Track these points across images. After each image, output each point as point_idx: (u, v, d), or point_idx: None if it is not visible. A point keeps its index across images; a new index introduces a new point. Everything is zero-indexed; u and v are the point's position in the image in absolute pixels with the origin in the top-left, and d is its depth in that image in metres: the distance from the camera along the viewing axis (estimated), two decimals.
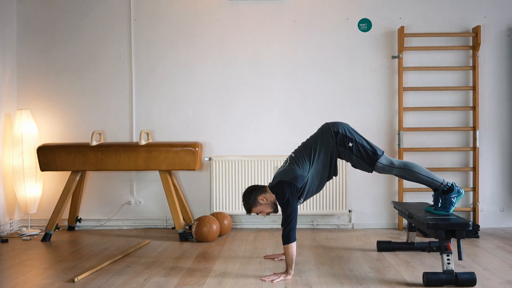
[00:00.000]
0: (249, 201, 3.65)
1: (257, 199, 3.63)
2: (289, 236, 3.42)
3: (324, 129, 3.64)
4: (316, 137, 3.64)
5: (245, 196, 3.68)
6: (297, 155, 3.64)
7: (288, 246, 3.42)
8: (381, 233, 4.87)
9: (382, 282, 3.32)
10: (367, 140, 3.61)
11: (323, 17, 5.11)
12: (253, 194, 3.64)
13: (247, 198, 3.65)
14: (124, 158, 4.72)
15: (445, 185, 3.55)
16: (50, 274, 3.56)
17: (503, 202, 5.08)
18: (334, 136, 3.57)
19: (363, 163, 3.57)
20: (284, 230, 3.45)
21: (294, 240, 3.43)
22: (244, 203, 3.68)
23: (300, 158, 3.60)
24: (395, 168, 3.56)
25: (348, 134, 3.57)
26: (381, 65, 5.09)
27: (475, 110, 4.98)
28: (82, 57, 5.21)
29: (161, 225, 5.20)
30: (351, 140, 3.56)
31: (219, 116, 5.16)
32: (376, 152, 3.55)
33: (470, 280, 3.21)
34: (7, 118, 5.03)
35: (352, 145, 3.55)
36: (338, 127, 3.60)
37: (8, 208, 5.00)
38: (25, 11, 5.19)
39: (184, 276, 3.48)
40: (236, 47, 5.14)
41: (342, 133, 3.57)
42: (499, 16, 5.04)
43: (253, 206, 3.64)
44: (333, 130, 3.58)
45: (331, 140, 3.57)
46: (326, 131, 3.61)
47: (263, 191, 3.65)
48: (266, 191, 3.65)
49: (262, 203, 3.64)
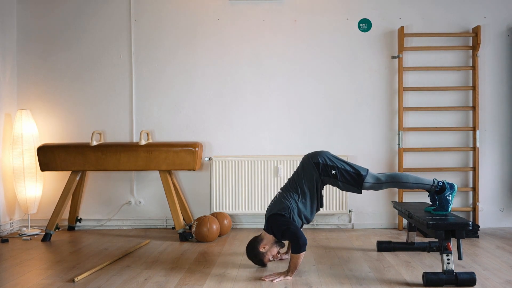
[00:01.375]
0: (256, 257, 3.64)
1: (259, 250, 3.60)
2: (300, 248, 3.39)
3: (305, 163, 3.65)
4: (299, 173, 3.65)
5: (249, 255, 3.66)
6: (284, 190, 3.68)
7: (298, 255, 3.41)
8: (381, 233, 4.87)
9: (382, 282, 3.32)
10: (349, 163, 3.60)
11: (323, 17, 5.11)
12: (254, 250, 3.62)
13: (252, 256, 3.65)
14: (124, 158, 4.72)
15: (435, 185, 3.56)
16: (50, 274, 3.56)
17: (503, 202, 5.08)
18: (316, 168, 3.58)
19: (350, 187, 3.58)
20: (296, 244, 3.40)
21: (304, 251, 3.43)
22: (253, 261, 3.67)
23: (288, 192, 3.63)
24: (383, 184, 3.58)
25: (329, 163, 3.57)
26: (381, 65, 5.09)
27: (475, 110, 4.98)
28: (82, 57, 5.21)
29: (161, 225, 5.20)
30: (333, 167, 3.56)
31: (219, 116, 5.16)
32: (360, 174, 3.54)
33: (470, 280, 3.21)
34: (7, 118, 5.03)
35: (335, 172, 3.56)
36: (318, 157, 3.60)
37: (8, 208, 5.00)
38: (25, 11, 5.19)
39: (184, 276, 3.48)
40: (236, 47, 5.14)
41: (323, 163, 3.57)
42: (499, 16, 5.04)
43: (262, 258, 3.62)
44: (313, 162, 3.59)
45: (313, 172, 3.59)
46: (307, 165, 3.62)
47: (260, 240, 3.63)
48: (263, 238, 3.63)
49: (266, 250, 3.61)
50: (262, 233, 3.67)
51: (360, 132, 5.10)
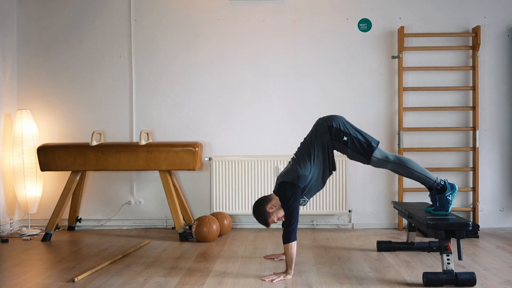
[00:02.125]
0: (261, 215, 3.61)
1: (266, 209, 3.58)
2: (289, 235, 3.42)
3: (319, 125, 3.62)
4: (312, 135, 3.63)
5: (255, 213, 3.65)
6: (297, 156, 3.64)
7: (288, 245, 3.42)
8: (381, 233, 4.87)
9: (382, 282, 3.32)
10: (361, 133, 3.58)
11: (323, 17, 5.11)
12: (261, 208, 3.60)
13: (258, 213, 3.62)
14: (124, 158, 4.72)
15: (438, 183, 3.54)
16: (50, 274, 3.56)
17: (503, 202, 5.08)
18: (328, 131, 3.55)
19: (359, 156, 3.56)
20: (285, 229, 3.45)
21: (295, 239, 3.43)
22: (258, 219, 3.65)
23: (301, 158, 3.59)
24: (389, 163, 3.54)
25: (342, 128, 3.55)
26: (381, 65, 5.09)
27: (475, 110, 4.98)
28: (82, 57, 5.21)
29: (161, 225, 5.20)
30: (345, 134, 3.54)
31: (219, 116, 5.16)
32: (371, 145, 3.52)
33: (470, 280, 3.21)
34: (7, 118, 5.03)
35: (346, 139, 3.53)
36: (332, 121, 3.58)
37: (8, 208, 5.00)
38: (25, 11, 5.19)
39: (184, 276, 3.48)
40: (236, 47, 5.14)
41: (336, 127, 3.55)
42: (499, 16, 5.04)
43: (267, 217, 3.59)
44: (327, 125, 3.57)
45: (325, 135, 3.56)
46: (320, 127, 3.60)
47: (269, 199, 3.62)
48: (272, 198, 3.61)
49: (273, 211, 3.59)
50: (271, 194, 3.65)
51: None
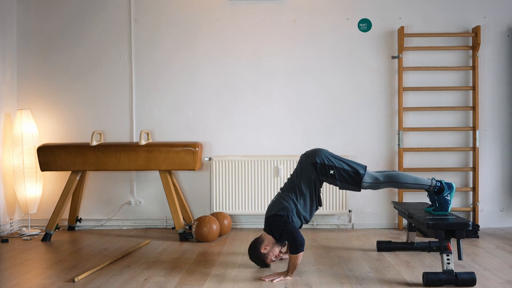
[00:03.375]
0: (257, 258, 3.63)
1: (261, 251, 3.60)
2: (298, 248, 3.38)
3: (303, 163, 3.62)
4: (298, 172, 3.64)
5: (251, 257, 3.66)
6: (284, 191, 3.66)
7: (296, 256, 3.40)
8: (381, 233, 4.87)
9: (382, 282, 3.32)
10: (347, 162, 3.56)
11: (323, 17, 5.11)
12: (256, 251, 3.62)
13: (254, 257, 3.64)
14: (124, 158, 4.72)
15: (434, 186, 3.56)
16: (50, 274, 3.56)
17: (503, 202, 5.08)
18: (313, 168, 3.55)
19: (349, 186, 3.56)
20: (293, 244, 3.40)
21: (303, 251, 3.42)
22: (255, 263, 3.67)
23: (287, 193, 3.62)
24: (381, 183, 3.55)
25: (326, 162, 3.54)
26: (381, 65, 5.09)
27: (475, 110, 4.98)
28: (82, 57, 5.21)
29: (161, 225, 5.20)
30: (331, 167, 3.52)
31: (219, 116, 5.16)
32: (358, 172, 3.51)
33: (470, 280, 3.21)
34: (7, 118, 5.03)
35: (333, 172, 3.52)
36: (316, 157, 3.57)
37: (8, 208, 5.00)
38: (25, 11, 5.19)
39: (184, 276, 3.48)
40: (236, 47, 5.14)
41: (320, 163, 3.54)
42: (499, 16, 5.04)
43: (265, 259, 3.62)
44: (311, 163, 3.56)
45: (311, 172, 3.57)
46: (305, 165, 3.59)
47: (261, 241, 3.63)
48: (264, 239, 3.62)
49: (267, 251, 3.60)
50: (262, 234, 3.67)
51: (360, 132, 5.10)
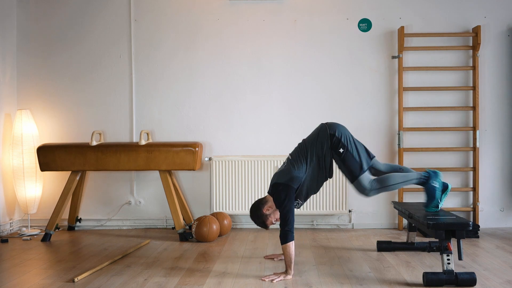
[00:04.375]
0: (258, 218, 3.64)
1: (263, 212, 3.61)
2: (286, 236, 3.42)
3: (321, 131, 3.59)
4: (313, 138, 3.61)
5: (252, 216, 3.67)
6: (294, 156, 3.62)
7: (286, 245, 3.42)
8: (381, 233, 4.87)
9: (382, 282, 3.32)
10: (359, 151, 3.53)
11: (323, 17, 5.11)
12: (258, 211, 3.63)
13: (255, 216, 3.65)
14: (124, 158, 4.72)
15: (422, 177, 3.55)
16: (50, 274, 3.56)
17: (503, 202, 5.08)
18: (329, 139, 3.53)
19: (346, 172, 3.55)
20: (281, 230, 3.46)
21: (292, 240, 3.43)
22: (256, 222, 3.68)
23: (297, 159, 3.58)
24: (372, 191, 3.53)
25: (342, 140, 3.50)
26: (381, 65, 5.09)
27: (475, 110, 4.98)
28: (82, 57, 5.21)
29: (161, 225, 5.20)
30: (343, 146, 3.50)
31: (219, 116, 5.16)
32: (362, 167, 3.49)
33: (470, 280, 3.21)
34: (7, 118, 5.03)
35: (342, 151, 3.50)
36: (335, 130, 3.54)
37: (8, 208, 5.00)
38: (25, 11, 5.19)
39: (184, 276, 3.48)
40: (236, 47, 5.14)
41: (337, 137, 3.51)
42: (499, 16, 5.04)
43: (265, 220, 3.62)
44: (329, 133, 3.54)
45: (325, 141, 3.54)
46: (323, 133, 3.57)
47: (264, 202, 3.64)
48: (268, 200, 3.63)
49: (269, 212, 3.61)
50: (266, 195, 3.67)
51: (360, 132, 5.06)
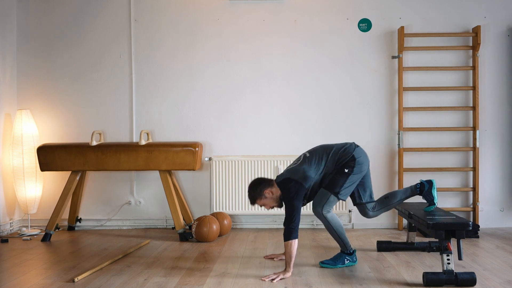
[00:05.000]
0: (255, 192, 3.62)
1: (263, 192, 3.61)
2: (290, 233, 3.43)
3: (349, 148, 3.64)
4: (337, 149, 3.65)
5: (251, 187, 3.65)
6: (313, 156, 3.64)
7: (288, 243, 3.42)
8: (381, 233, 4.87)
9: (382, 282, 3.32)
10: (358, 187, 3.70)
11: (323, 17, 5.11)
12: (260, 187, 3.62)
13: (254, 189, 3.63)
14: (124, 158, 4.72)
15: (417, 188, 3.74)
16: (50, 274, 3.56)
17: (503, 202, 5.07)
18: (350, 159, 3.59)
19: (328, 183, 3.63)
20: (286, 227, 3.46)
21: (296, 238, 3.43)
22: (250, 194, 3.66)
23: (316, 160, 3.62)
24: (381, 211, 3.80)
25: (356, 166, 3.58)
26: (381, 65, 5.09)
27: (475, 110, 4.98)
28: (82, 57, 5.20)
29: (161, 225, 5.20)
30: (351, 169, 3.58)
31: (219, 116, 5.16)
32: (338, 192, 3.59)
33: (470, 280, 3.21)
34: (7, 118, 5.03)
35: (347, 171, 3.58)
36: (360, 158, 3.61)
37: (8, 208, 4.99)
38: (25, 11, 5.19)
39: (184, 276, 3.48)
40: (236, 47, 5.14)
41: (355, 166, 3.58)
42: (499, 16, 5.04)
43: (258, 198, 3.62)
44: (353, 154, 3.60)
45: (343, 159, 3.60)
46: (347, 151, 3.62)
47: (270, 185, 3.63)
48: (273, 185, 3.63)
49: (267, 197, 3.62)
50: (274, 181, 3.65)
51: (360, 132, 5.10)
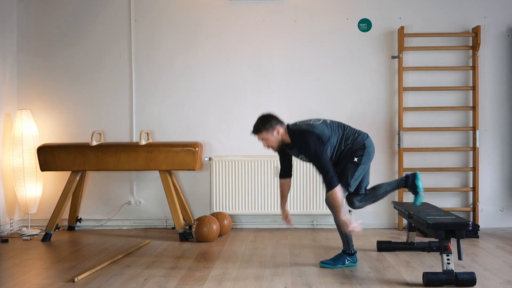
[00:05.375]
0: (266, 123, 3.47)
1: (274, 127, 3.47)
2: (331, 181, 3.37)
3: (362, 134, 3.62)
4: (353, 132, 3.62)
5: (263, 117, 3.51)
6: (333, 124, 3.62)
7: (333, 191, 3.38)
8: (381, 233, 4.87)
9: (382, 282, 3.32)
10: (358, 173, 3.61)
11: (323, 17, 5.11)
12: (272, 121, 3.48)
13: (265, 120, 3.48)
14: (124, 158, 4.72)
15: (402, 180, 3.75)
16: (50, 274, 3.56)
17: (503, 202, 5.08)
18: (360, 146, 3.58)
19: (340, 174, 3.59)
20: (324, 178, 3.39)
21: (337, 184, 3.39)
22: (259, 123, 3.50)
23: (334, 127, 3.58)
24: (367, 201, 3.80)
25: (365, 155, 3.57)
26: (381, 65, 5.09)
27: (475, 110, 4.98)
28: (82, 57, 5.21)
29: (161, 225, 5.20)
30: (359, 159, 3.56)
31: (219, 116, 5.16)
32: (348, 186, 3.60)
33: (470, 280, 3.21)
34: (7, 118, 5.03)
35: (356, 159, 3.56)
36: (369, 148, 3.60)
37: (8, 208, 5.00)
38: (25, 11, 5.19)
39: (184, 276, 3.48)
40: (236, 47, 5.14)
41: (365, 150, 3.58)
42: (499, 16, 5.04)
43: (265, 130, 3.47)
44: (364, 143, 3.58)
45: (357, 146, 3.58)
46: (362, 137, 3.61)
47: (282, 125, 3.52)
48: (284, 128, 3.52)
49: (274, 135, 3.49)
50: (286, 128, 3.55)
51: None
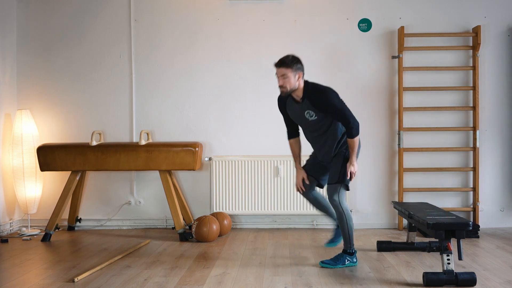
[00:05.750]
0: (295, 62, 3.58)
1: (298, 71, 3.58)
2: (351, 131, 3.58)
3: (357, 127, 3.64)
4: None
5: (294, 56, 3.62)
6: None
7: (353, 140, 3.60)
8: (381, 233, 4.87)
9: (382, 282, 3.32)
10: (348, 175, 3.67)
11: (323, 17, 5.11)
12: (300, 65, 3.60)
13: (295, 59, 3.60)
14: (124, 158, 4.72)
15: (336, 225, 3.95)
16: (50, 274, 3.56)
17: (503, 202, 5.07)
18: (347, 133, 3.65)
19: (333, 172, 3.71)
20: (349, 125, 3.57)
21: (357, 134, 3.60)
22: (289, 57, 3.60)
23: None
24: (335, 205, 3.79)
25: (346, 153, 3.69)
26: (381, 65, 5.09)
27: (475, 110, 4.98)
28: (82, 57, 5.20)
29: (161, 225, 5.20)
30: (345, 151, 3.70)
31: (219, 116, 5.16)
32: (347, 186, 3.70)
33: (470, 280, 3.21)
34: (7, 118, 5.03)
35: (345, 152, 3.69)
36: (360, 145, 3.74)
37: (8, 208, 4.99)
38: (25, 11, 5.19)
39: (184, 276, 3.48)
40: (236, 47, 5.14)
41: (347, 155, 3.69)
42: (499, 16, 5.04)
43: (290, 67, 3.55)
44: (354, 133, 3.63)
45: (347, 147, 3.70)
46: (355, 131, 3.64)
47: (303, 76, 3.64)
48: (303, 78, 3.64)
49: (295, 76, 3.58)
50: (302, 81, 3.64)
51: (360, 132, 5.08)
